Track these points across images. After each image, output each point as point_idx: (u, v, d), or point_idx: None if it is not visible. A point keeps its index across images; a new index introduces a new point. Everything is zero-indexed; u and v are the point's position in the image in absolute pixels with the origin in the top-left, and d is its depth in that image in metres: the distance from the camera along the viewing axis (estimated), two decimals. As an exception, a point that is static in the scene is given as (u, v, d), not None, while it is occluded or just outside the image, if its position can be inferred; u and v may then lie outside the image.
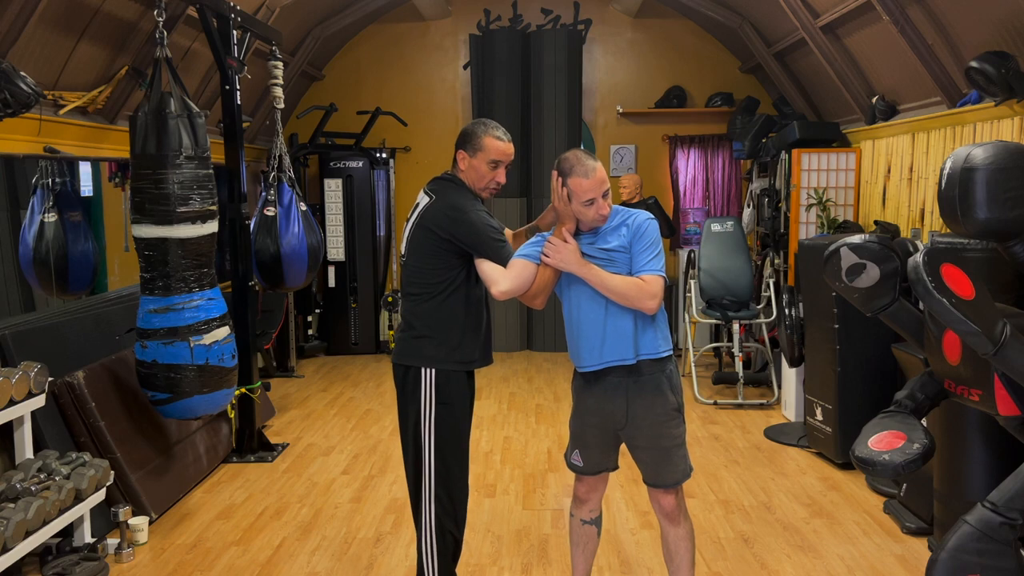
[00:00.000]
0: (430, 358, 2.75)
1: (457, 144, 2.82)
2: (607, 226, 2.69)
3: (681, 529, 2.76)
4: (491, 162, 2.77)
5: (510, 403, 5.92)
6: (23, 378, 3.24)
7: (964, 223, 2.50)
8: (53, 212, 4.86)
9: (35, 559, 3.34)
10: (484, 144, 2.76)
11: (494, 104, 7.38)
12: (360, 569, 3.44)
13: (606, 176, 2.66)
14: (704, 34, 7.64)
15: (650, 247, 2.64)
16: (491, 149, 2.76)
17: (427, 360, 2.75)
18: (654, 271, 2.61)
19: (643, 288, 2.58)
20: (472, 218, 2.70)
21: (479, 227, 2.70)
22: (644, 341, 2.65)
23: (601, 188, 2.62)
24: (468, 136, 2.79)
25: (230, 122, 4.70)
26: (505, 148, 2.78)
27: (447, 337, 2.75)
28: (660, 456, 2.70)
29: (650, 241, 2.65)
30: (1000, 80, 3.70)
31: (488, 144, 2.76)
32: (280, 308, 6.56)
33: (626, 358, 2.64)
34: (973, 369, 2.49)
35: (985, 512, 2.34)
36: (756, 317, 6.00)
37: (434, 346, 2.75)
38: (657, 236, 2.68)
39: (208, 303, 3.71)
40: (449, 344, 2.75)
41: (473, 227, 2.69)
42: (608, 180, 2.66)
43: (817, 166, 5.74)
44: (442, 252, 2.73)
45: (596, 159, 2.67)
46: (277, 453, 4.82)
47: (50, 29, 3.88)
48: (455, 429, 2.80)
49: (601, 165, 2.66)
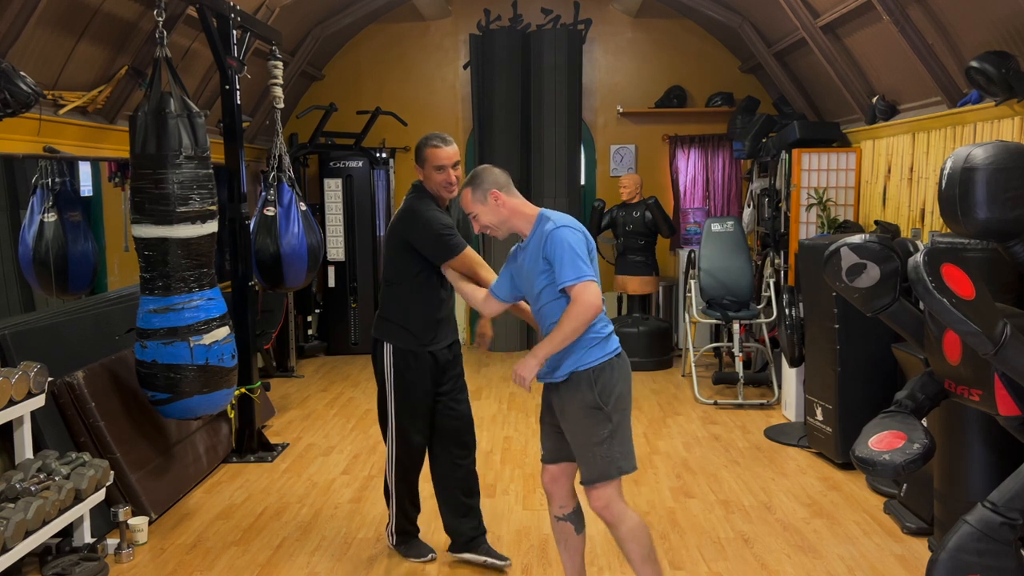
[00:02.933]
0: (389, 336, 3.32)
1: (414, 161, 3.31)
2: (531, 235, 2.78)
3: (618, 531, 2.75)
4: (436, 167, 3.22)
5: (510, 403, 5.92)
6: (23, 378, 3.24)
7: (964, 223, 2.50)
8: (53, 212, 4.86)
9: (35, 559, 3.33)
10: (426, 155, 3.23)
11: (494, 104, 7.38)
12: (360, 569, 3.44)
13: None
14: (704, 34, 7.64)
15: (560, 256, 2.65)
16: (431, 157, 3.22)
17: (387, 337, 3.32)
18: (569, 280, 2.63)
19: (576, 307, 2.61)
20: (425, 217, 3.18)
21: (431, 225, 3.16)
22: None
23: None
24: (416, 153, 3.29)
25: (230, 122, 4.70)
26: (441, 153, 3.21)
27: (404, 320, 3.29)
28: (578, 452, 2.75)
29: (561, 250, 2.65)
30: (1000, 80, 3.70)
31: (428, 154, 3.23)
32: (280, 308, 6.56)
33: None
34: (973, 369, 2.49)
35: (985, 512, 2.34)
36: (756, 317, 5.99)
37: (393, 326, 3.31)
38: (568, 241, 2.66)
39: (208, 303, 3.71)
40: (404, 326, 3.29)
41: (426, 226, 3.17)
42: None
43: (817, 166, 5.74)
44: (401, 250, 3.25)
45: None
46: (277, 453, 4.82)
47: (50, 29, 3.88)
48: (409, 395, 3.31)
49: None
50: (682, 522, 3.87)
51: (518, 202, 2.84)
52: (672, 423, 5.44)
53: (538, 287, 2.74)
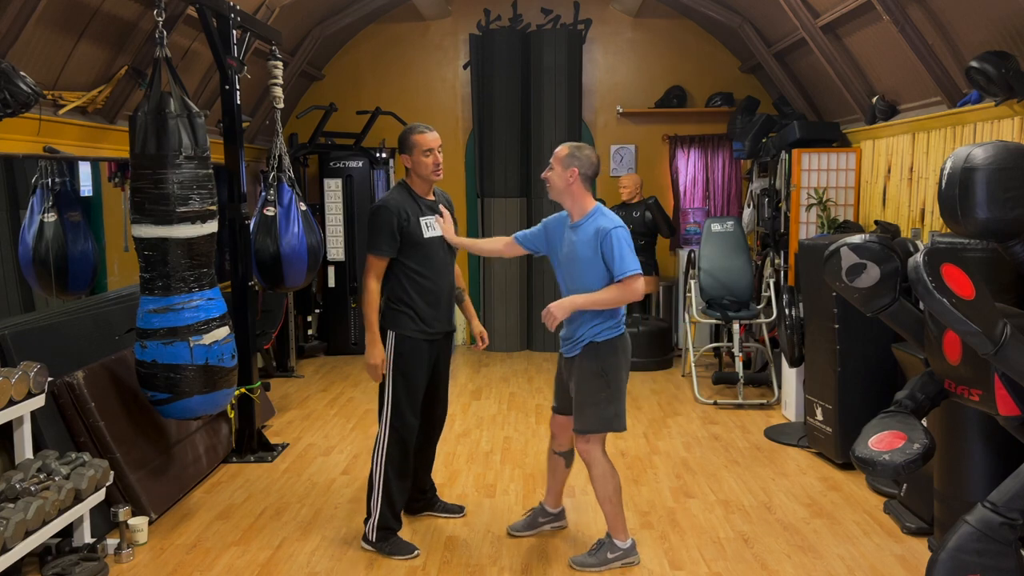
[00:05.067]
0: (391, 323, 3.55)
1: (399, 152, 3.55)
2: (584, 223, 3.34)
3: (593, 471, 3.41)
4: (424, 151, 3.49)
5: (510, 403, 5.92)
6: (23, 378, 3.24)
7: (964, 223, 2.50)
8: (53, 212, 4.86)
9: (35, 559, 3.34)
10: (414, 141, 3.50)
11: (494, 104, 7.38)
12: (360, 569, 3.44)
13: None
14: (704, 34, 7.64)
15: (620, 253, 3.25)
16: (420, 143, 3.49)
17: (389, 325, 3.55)
18: (628, 271, 3.23)
19: (624, 291, 3.26)
20: (376, 219, 3.49)
21: (376, 217, 3.50)
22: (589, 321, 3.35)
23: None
24: (401, 142, 3.55)
25: (230, 122, 4.69)
26: (429, 137, 3.51)
27: (409, 307, 3.54)
28: (577, 407, 3.39)
29: (620, 248, 3.25)
30: (1000, 80, 3.70)
31: (417, 140, 3.50)
32: (280, 308, 6.56)
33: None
34: (973, 369, 2.49)
35: (985, 512, 2.34)
36: (756, 317, 5.99)
37: (392, 314, 3.55)
38: (625, 240, 3.27)
39: (208, 303, 3.71)
40: (407, 313, 3.54)
41: (373, 215, 3.51)
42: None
43: (817, 166, 5.74)
44: None
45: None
46: (277, 453, 4.82)
47: (50, 29, 3.88)
48: (408, 377, 3.55)
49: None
50: (682, 522, 3.87)
51: (582, 191, 3.36)
52: (672, 423, 5.44)
53: (581, 268, 3.31)
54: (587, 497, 4.16)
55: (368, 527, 3.57)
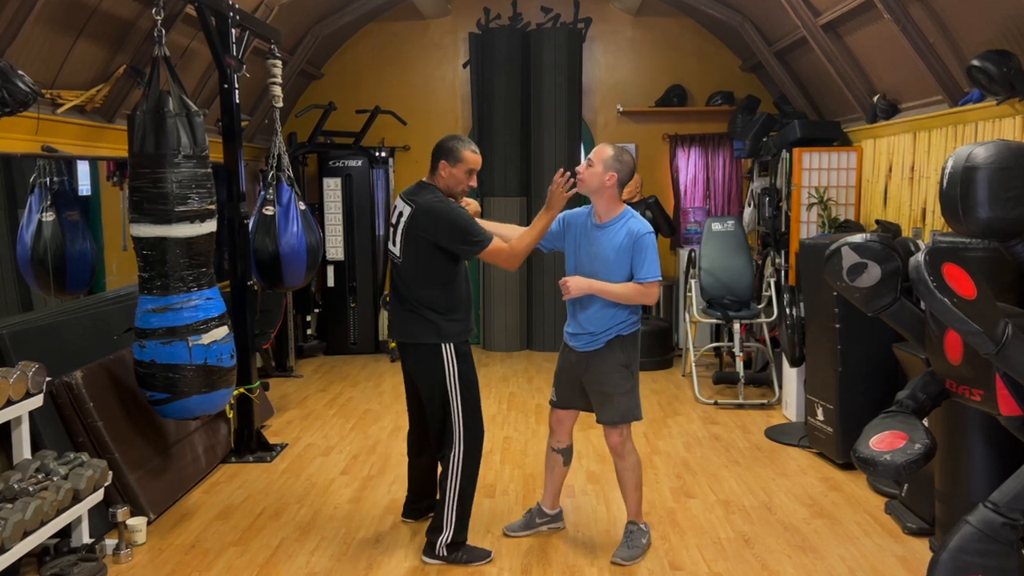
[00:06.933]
0: (448, 335, 3.39)
1: (438, 155, 3.41)
2: (613, 224, 3.41)
3: (624, 461, 3.48)
4: (468, 171, 3.42)
5: (510, 403, 5.91)
6: (21, 378, 3.23)
7: (965, 222, 2.49)
8: (51, 211, 4.85)
9: (33, 560, 3.33)
10: (464, 156, 3.39)
11: (494, 103, 7.36)
12: (359, 570, 3.43)
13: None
14: (705, 33, 7.62)
15: (649, 258, 3.40)
16: (469, 160, 3.41)
17: (446, 338, 3.39)
18: (650, 277, 3.37)
19: (643, 294, 3.39)
20: (455, 215, 3.33)
21: (461, 222, 3.33)
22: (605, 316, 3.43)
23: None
24: (450, 150, 3.40)
25: (229, 121, 4.68)
26: (479, 159, 3.45)
27: (454, 315, 3.41)
28: (603, 400, 3.44)
29: (650, 253, 3.40)
30: (1002, 79, 3.69)
31: (467, 156, 3.40)
32: (279, 308, 6.55)
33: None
34: (975, 369, 2.48)
35: (987, 512, 2.33)
36: (757, 317, 5.98)
37: (449, 325, 3.39)
38: (654, 246, 3.42)
39: (206, 303, 3.70)
40: (462, 322, 3.45)
41: (457, 222, 3.33)
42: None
43: (818, 165, 5.73)
44: (434, 251, 3.35)
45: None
46: (276, 453, 4.81)
47: (48, 27, 3.87)
48: (471, 388, 3.48)
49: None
50: (682, 522, 3.86)
51: (614, 195, 3.42)
52: (672, 423, 5.43)
53: (607, 267, 3.38)
54: (587, 497, 4.15)
55: (439, 543, 3.42)
